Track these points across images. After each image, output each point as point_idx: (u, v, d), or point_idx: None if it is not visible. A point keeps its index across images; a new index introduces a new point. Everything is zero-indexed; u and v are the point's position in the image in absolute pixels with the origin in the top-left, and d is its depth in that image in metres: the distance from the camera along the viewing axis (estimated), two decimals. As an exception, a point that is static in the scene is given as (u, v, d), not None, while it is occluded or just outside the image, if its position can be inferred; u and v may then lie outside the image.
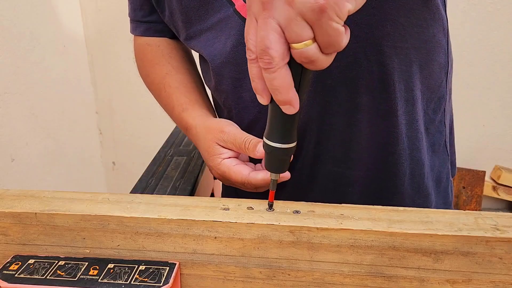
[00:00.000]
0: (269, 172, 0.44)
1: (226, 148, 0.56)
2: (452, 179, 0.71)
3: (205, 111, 0.64)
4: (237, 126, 0.58)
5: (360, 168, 0.59)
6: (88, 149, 1.75)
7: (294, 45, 0.33)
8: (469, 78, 1.66)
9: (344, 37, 0.33)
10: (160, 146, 0.89)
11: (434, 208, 0.64)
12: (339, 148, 0.58)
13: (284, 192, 0.61)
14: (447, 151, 0.66)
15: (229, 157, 0.56)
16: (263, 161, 0.57)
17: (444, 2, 0.59)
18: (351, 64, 0.53)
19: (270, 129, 0.40)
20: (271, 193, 0.44)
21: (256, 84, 0.37)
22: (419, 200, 0.62)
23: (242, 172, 0.53)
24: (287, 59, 0.34)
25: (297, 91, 0.36)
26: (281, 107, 0.37)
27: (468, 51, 1.62)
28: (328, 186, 0.61)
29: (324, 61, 0.34)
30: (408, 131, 0.58)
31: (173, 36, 0.71)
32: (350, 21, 0.51)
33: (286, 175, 0.53)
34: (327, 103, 0.56)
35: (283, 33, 0.33)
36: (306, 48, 0.33)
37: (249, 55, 0.36)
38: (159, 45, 0.71)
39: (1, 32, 1.16)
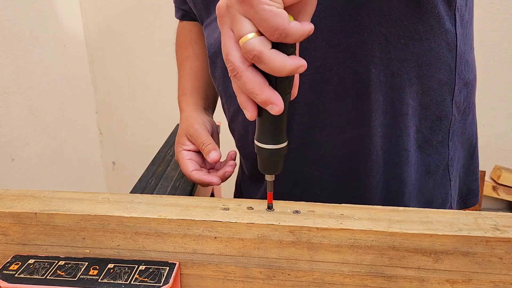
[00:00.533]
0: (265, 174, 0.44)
1: (190, 141, 0.65)
2: (451, 208, 0.65)
3: (200, 100, 0.72)
4: (206, 126, 0.66)
5: (330, 172, 0.58)
6: (88, 149, 1.75)
7: (239, 43, 0.33)
8: (469, 78, 1.66)
9: (283, 19, 0.31)
10: (160, 146, 0.89)
11: None
12: (308, 148, 0.58)
13: (256, 186, 0.68)
14: (449, 176, 0.62)
15: (189, 150, 0.64)
16: (219, 167, 0.65)
17: (454, 16, 0.55)
18: (320, 68, 0.53)
19: (259, 131, 0.40)
20: (269, 195, 0.44)
21: (239, 99, 0.37)
22: None
23: (188, 166, 0.62)
24: (249, 62, 0.34)
25: (277, 91, 0.36)
26: (266, 108, 0.36)
27: (468, 51, 1.62)
28: (297, 184, 0.61)
29: (274, 58, 0.33)
30: (385, 145, 0.56)
31: None
32: (324, 26, 0.50)
33: (215, 181, 0.60)
34: (295, 103, 0.55)
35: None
36: (247, 42, 0.32)
37: (228, 72, 0.36)
38: (190, 29, 0.77)
39: (1, 32, 1.16)
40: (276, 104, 0.35)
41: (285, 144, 0.41)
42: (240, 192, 0.77)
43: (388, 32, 0.51)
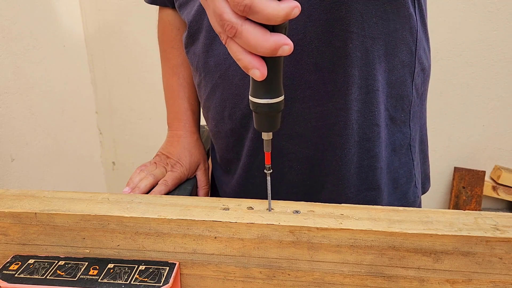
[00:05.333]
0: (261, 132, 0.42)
1: (164, 156, 0.71)
2: (416, 187, 0.68)
3: (189, 125, 0.75)
4: (180, 167, 0.69)
5: (307, 146, 0.60)
6: (88, 149, 1.75)
7: None
8: (469, 78, 1.66)
9: None
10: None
11: (385, 205, 0.64)
12: (287, 122, 0.58)
13: (226, 175, 0.70)
14: (412, 156, 0.66)
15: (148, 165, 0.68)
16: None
17: (415, 2, 0.59)
18: (301, 41, 0.54)
19: (255, 87, 0.38)
20: (267, 155, 0.44)
21: (243, 61, 0.35)
22: (366, 192, 0.62)
23: (136, 174, 0.65)
24: (244, 16, 0.33)
25: None
26: (278, 54, 0.34)
27: (468, 51, 1.62)
28: (276, 160, 0.61)
29: (266, 6, 0.31)
30: (360, 119, 0.58)
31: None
32: (304, 0, 0.51)
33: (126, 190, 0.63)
34: None
35: None
36: None
37: (222, 38, 0.35)
38: (179, 28, 0.75)
39: (1, 32, 1.16)
40: (286, 43, 0.34)
41: (282, 97, 0.39)
42: (213, 181, 0.78)
43: (364, 9, 0.53)
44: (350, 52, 0.54)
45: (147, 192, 0.63)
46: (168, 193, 0.65)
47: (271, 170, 0.45)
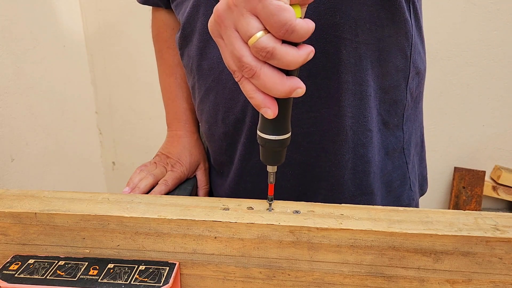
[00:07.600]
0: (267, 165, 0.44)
1: (164, 156, 0.71)
2: (411, 190, 0.68)
3: (188, 125, 0.75)
4: (180, 167, 0.69)
5: (299, 152, 0.60)
6: (88, 149, 1.75)
7: (248, 42, 0.33)
8: (469, 78, 1.66)
9: (291, 14, 0.31)
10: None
11: None
12: None
13: (220, 178, 0.70)
14: (405, 159, 0.65)
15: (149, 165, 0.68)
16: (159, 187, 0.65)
17: (411, 7, 0.58)
18: None
19: (265, 124, 0.40)
20: (270, 187, 0.44)
21: (256, 100, 0.36)
22: (360, 197, 0.62)
23: (136, 174, 0.65)
24: (261, 60, 0.34)
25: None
26: (291, 96, 0.35)
27: (468, 51, 1.62)
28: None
29: (286, 53, 0.33)
30: (354, 125, 0.58)
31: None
32: None
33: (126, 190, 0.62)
34: None
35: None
36: (258, 40, 0.32)
37: (236, 76, 0.36)
38: (173, 27, 0.75)
39: (1, 32, 1.16)
40: (300, 87, 0.35)
41: (289, 134, 0.41)
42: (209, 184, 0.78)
43: (358, 16, 0.53)
44: (343, 58, 0.54)
45: (147, 192, 0.63)
46: (168, 193, 0.65)
47: (273, 201, 0.45)
